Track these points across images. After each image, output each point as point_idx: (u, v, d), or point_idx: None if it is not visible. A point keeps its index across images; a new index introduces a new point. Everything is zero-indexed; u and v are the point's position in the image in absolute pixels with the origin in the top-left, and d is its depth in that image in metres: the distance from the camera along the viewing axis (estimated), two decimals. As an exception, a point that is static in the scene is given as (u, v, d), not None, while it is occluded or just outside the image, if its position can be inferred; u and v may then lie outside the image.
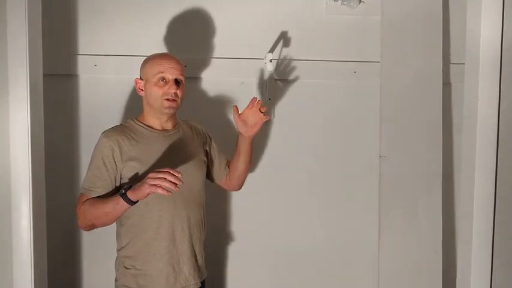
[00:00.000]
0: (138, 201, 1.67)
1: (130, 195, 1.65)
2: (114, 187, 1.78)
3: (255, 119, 1.96)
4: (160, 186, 1.59)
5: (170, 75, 1.82)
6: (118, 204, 1.67)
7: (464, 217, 1.69)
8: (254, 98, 1.98)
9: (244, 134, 1.98)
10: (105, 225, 1.78)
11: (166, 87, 1.81)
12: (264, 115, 1.96)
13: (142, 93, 1.87)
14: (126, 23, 2.29)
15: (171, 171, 1.61)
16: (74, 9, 2.27)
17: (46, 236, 1.94)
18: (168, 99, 1.81)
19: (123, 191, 1.66)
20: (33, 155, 1.80)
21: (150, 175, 1.62)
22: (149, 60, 1.87)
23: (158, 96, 1.82)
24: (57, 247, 2.18)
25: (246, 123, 1.97)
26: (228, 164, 2.11)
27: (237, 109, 1.97)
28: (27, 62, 1.77)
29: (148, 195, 1.64)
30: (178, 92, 1.83)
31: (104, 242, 2.00)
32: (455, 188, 2.47)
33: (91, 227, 1.77)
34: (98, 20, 2.28)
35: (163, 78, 1.82)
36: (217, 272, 2.38)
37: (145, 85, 1.85)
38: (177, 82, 1.83)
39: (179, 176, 1.61)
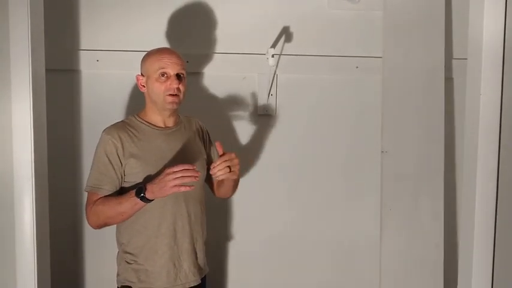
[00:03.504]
0: (154, 199, 1.70)
1: (150, 196, 1.67)
2: (120, 183, 1.78)
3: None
4: (181, 185, 1.61)
5: (171, 71, 1.81)
6: (136, 205, 1.69)
7: (466, 212, 1.69)
8: (217, 142, 1.80)
9: None
10: (117, 223, 1.81)
11: (168, 82, 1.80)
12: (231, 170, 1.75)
13: (144, 90, 1.86)
14: (129, 18, 2.29)
15: (186, 167, 1.63)
16: (76, 4, 2.28)
17: (49, 230, 1.94)
18: (170, 95, 1.81)
19: (142, 194, 1.67)
20: (35, 150, 1.80)
21: (167, 177, 1.62)
22: (149, 56, 1.85)
23: (160, 92, 1.81)
24: (59, 242, 2.18)
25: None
26: None
27: (220, 146, 1.78)
28: (30, 57, 1.77)
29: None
30: (180, 86, 1.82)
31: (106, 237, 2.00)
32: (457, 183, 2.47)
33: (103, 226, 1.79)
34: (100, 15, 2.28)
35: (164, 74, 1.81)
36: (219, 268, 2.39)
37: (146, 81, 1.84)
38: (178, 77, 1.83)
39: (195, 168, 1.64)
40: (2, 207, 1.79)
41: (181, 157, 1.84)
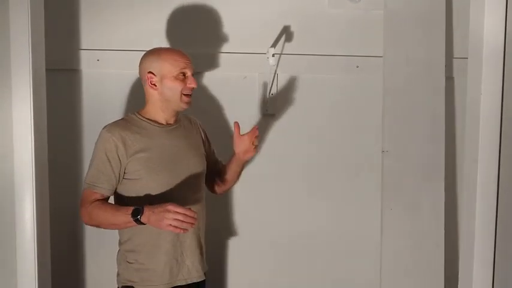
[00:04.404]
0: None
1: (145, 221, 1.67)
2: (117, 182, 1.79)
3: (247, 147, 1.94)
4: (176, 226, 1.62)
5: (189, 71, 1.85)
6: (129, 223, 1.69)
7: (467, 211, 1.69)
8: (256, 126, 1.96)
9: (237, 156, 1.97)
10: (108, 229, 1.82)
11: (188, 81, 1.83)
12: (255, 148, 1.94)
13: (155, 88, 1.84)
14: (129, 17, 2.29)
15: (188, 213, 1.63)
16: (76, 3, 2.27)
17: (49, 230, 1.94)
18: (186, 95, 1.83)
19: (138, 217, 1.66)
20: (36, 150, 1.80)
21: (167, 214, 1.62)
22: (164, 55, 1.84)
23: (178, 91, 1.82)
24: (60, 241, 2.19)
25: (241, 146, 1.95)
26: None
27: (239, 127, 1.94)
28: (30, 57, 1.78)
29: None
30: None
31: (106, 237, 2.00)
32: (457, 183, 2.46)
33: (94, 226, 1.80)
34: (101, 14, 2.28)
35: (184, 74, 1.83)
36: (219, 268, 2.39)
37: (161, 80, 1.82)
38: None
39: (195, 215, 1.65)
40: (2, 207, 1.80)
41: (182, 153, 1.86)
